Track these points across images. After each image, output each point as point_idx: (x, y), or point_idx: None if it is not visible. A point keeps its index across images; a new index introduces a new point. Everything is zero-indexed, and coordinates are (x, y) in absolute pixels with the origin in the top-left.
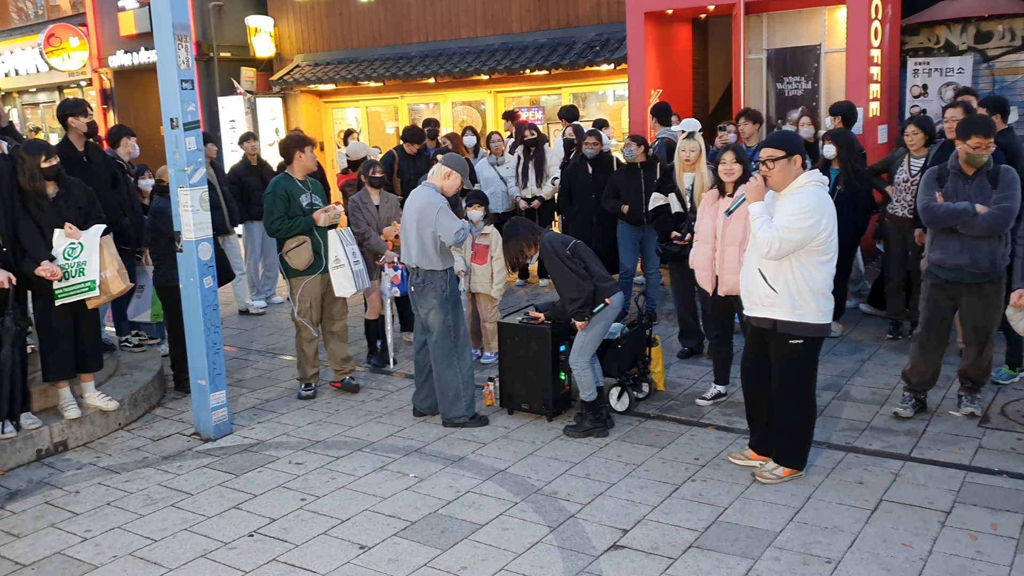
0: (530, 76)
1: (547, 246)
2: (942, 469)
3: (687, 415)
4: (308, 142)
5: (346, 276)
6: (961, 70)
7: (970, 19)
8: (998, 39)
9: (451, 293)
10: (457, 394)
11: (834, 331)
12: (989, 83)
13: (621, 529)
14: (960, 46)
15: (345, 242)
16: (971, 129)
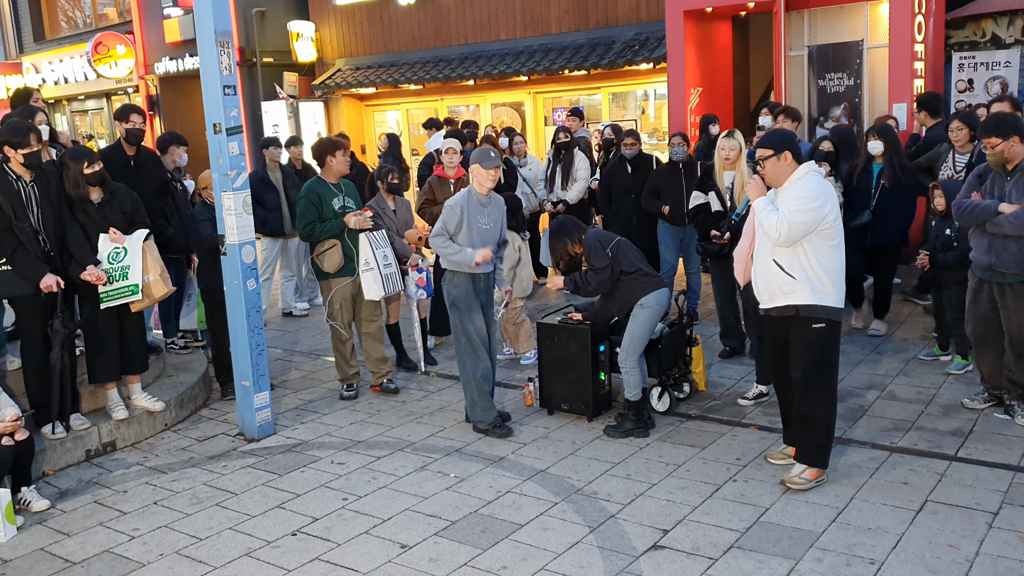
0: (569, 77)
1: (591, 242)
2: (990, 470)
3: (729, 415)
4: (340, 146)
5: (375, 280)
6: (1008, 64)
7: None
8: None
9: (462, 295)
10: (472, 399)
11: (879, 330)
12: None
13: (662, 529)
14: (1007, 39)
15: (375, 245)
16: (985, 130)
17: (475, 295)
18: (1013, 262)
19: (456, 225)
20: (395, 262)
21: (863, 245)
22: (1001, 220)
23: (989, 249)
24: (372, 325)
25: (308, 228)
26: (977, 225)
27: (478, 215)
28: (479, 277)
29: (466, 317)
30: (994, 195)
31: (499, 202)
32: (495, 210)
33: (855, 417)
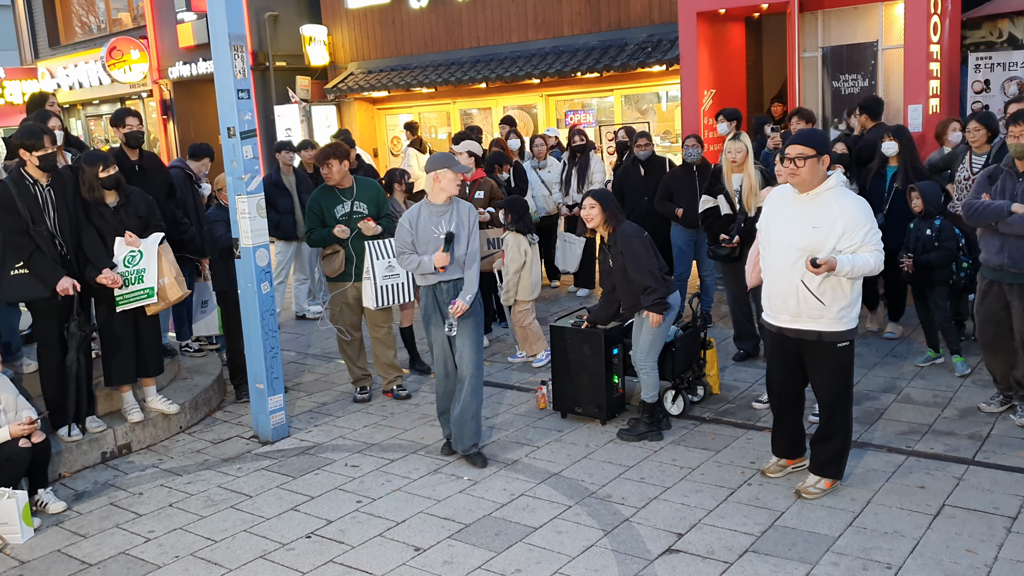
0: (581, 79)
1: (631, 233)
2: (1008, 473)
3: (743, 418)
4: (332, 155)
5: (368, 289)
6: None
7: None
8: None
9: (424, 307)
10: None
11: (894, 333)
12: None
13: (676, 533)
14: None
15: (375, 255)
16: (1016, 117)
17: (435, 307)
18: None
19: (408, 238)
20: (406, 273)
21: None
22: (1014, 220)
23: (1001, 249)
24: (379, 330)
25: (308, 235)
26: (988, 226)
27: (431, 225)
28: (441, 288)
29: (428, 330)
30: (1005, 196)
31: (463, 208)
32: (456, 216)
33: (871, 421)
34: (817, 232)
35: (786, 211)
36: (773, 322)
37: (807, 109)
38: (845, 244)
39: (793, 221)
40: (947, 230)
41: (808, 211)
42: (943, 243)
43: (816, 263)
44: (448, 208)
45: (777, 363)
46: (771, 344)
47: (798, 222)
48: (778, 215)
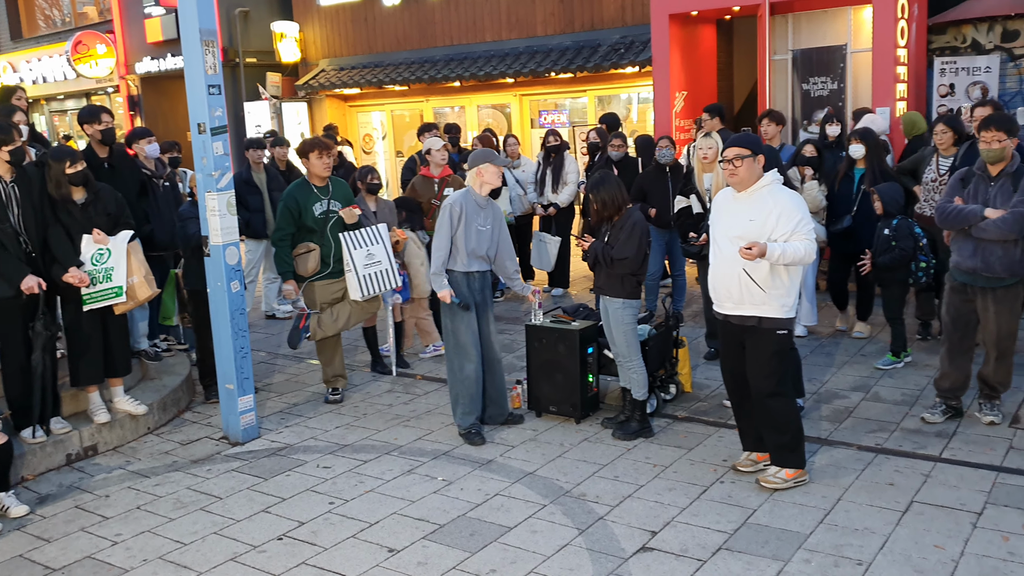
0: (555, 79)
1: (639, 218)
2: (973, 470)
3: (715, 416)
4: (317, 146)
5: (351, 281)
6: (988, 69)
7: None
8: None
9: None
10: (455, 400)
11: (862, 332)
12: (1016, 82)
13: (650, 531)
14: (987, 45)
15: (353, 245)
16: (996, 123)
17: (468, 295)
18: (1000, 266)
19: (457, 220)
20: (387, 258)
21: (846, 250)
22: (987, 225)
23: (975, 253)
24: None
25: (278, 241)
26: (961, 230)
27: (476, 216)
28: (473, 276)
29: (458, 318)
30: (977, 199)
31: (497, 210)
32: (491, 215)
33: (841, 419)
34: (753, 224)
35: (728, 208)
36: (720, 311)
37: (777, 111)
38: (778, 233)
39: (734, 216)
40: (904, 230)
41: (747, 207)
42: (900, 243)
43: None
44: (487, 204)
45: (727, 352)
46: (721, 335)
47: (738, 217)
48: (722, 213)
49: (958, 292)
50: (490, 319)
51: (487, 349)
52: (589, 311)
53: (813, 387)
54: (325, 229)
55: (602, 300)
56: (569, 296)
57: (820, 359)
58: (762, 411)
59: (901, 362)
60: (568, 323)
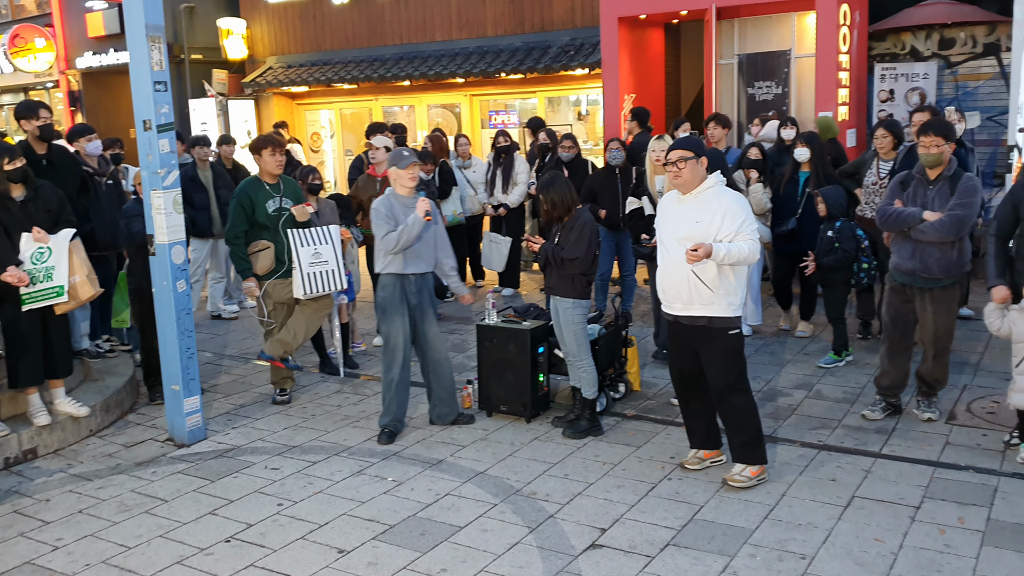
0: (505, 79)
1: (589, 219)
2: (912, 465)
3: (663, 414)
4: (269, 143)
5: (297, 277)
6: (926, 75)
7: (934, 26)
8: (960, 46)
9: (387, 297)
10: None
11: (805, 331)
12: (953, 88)
13: (599, 528)
14: (925, 52)
15: (300, 243)
16: (925, 128)
17: (401, 298)
18: (938, 267)
19: (384, 221)
20: (335, 259)
21: (790, 251)
22: (926, 227)
23: (913, 255)
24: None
25: (233, 239)
26: (900, 232)
27: (403, 216)
28: (408, 279)
29: (389, 320)
30: (916, 202)
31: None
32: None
33: (784, 416)
34: (699, 226)
35: (674, 210)
36: (669, 311)
37: (723, 115)
38: (723, 234)
39: (680, 218)
40: (846, 232)
41: (692, 208)
42: (842, 245)
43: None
44: (413, 200)
45: (676, 353)
46: (670, 335)
47: (684, 219)
48: (668, 215)
49: (897, 292)
50: (432, 320)
51: (430, 350)
52: (540, 311)
53: (758, 385)
54: (277, 226)
55: (552, 300)
56: (520, 296)
57: (764, 358)
58: (725, 409)
59: (843, 361)
60: (519, 323)
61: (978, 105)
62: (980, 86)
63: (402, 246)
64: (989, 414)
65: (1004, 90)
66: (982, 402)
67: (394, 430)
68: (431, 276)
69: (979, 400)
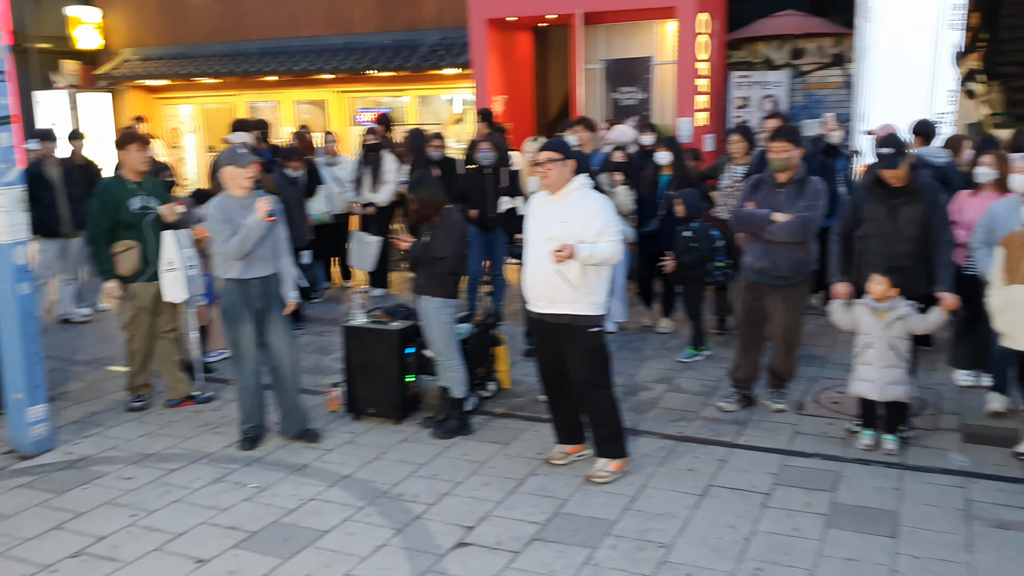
0: (375, 77)
1: (458, 218)
2: (764, 454)
3: (532, 411)
4: (134, 139)
5: (177, 280)
6: (779, 84)
7: (786, 37)
8: (810, 56)
9: (229, 304)
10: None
11: (666, 327)
12: (803, 96)
13: (466, 527)
14: (778, 61)
15: (182, 244)
16: (776, 134)
17: (244, 303)
18: (787, 265)
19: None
20: (198, 262)
21: (653, 251)
22: (776, 228)
23: (764, 254)
24: (171, 333)
25: (95, 238)
26: (752, 232)
27: (240, 219)
28: (251, 283)
29: (233, 327)
30: (767, 205)
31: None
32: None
33: (646, 409)
34: (565, 226)
35: (542, 210)
36: (534, 309)
37: (589, 118)
38: (588, 235)
39: (547, 218)
40: (703, 232)
41: (559, 209)
42: (699, 244)
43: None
44: (251, 201)
45: (541, 349)
46: (535, 332)
47: (551, 219)
48: (536, 215)
49: (750, 290)
50: (278, 327)
51: (273, 359)
52: (409, 311)
53: (622, 380)
54: (141, 225)
55: (421, 300)
56: (390, 296)
57: (628, 353)
58: (587, 404)
59: (701, 355)
60: (387, 323)
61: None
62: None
63: (245, 250)
64: (834, 404)
65: (849, 98)
66: (828, 393)
67: (256, 435)
68: (276, 278)
69: (826, 391)
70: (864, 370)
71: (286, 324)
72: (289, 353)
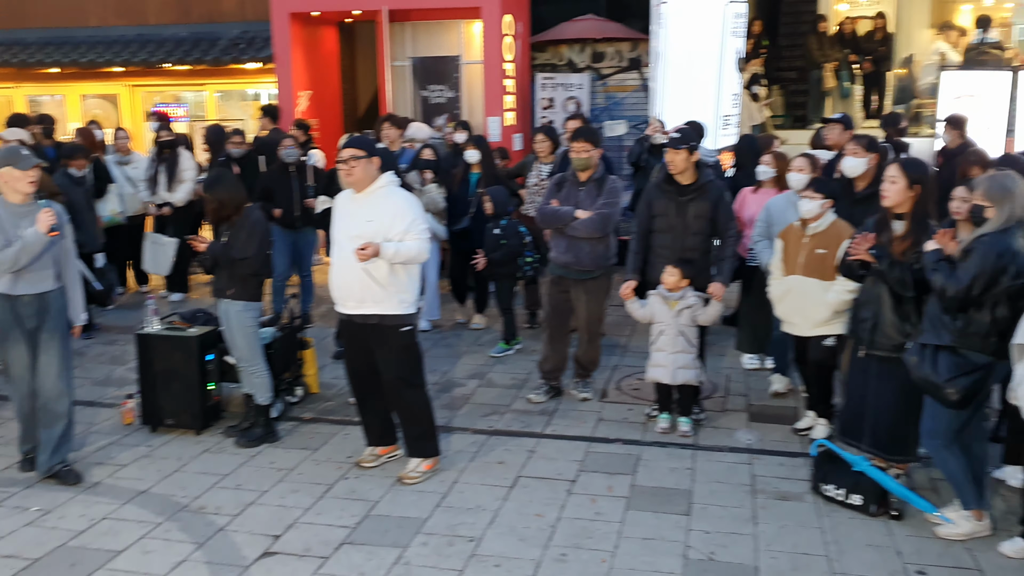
0: (171, 71)
1: (260, 217)
2: (569, 442)
3: (342, 415)
4: None
5: None
6: (581, 86)
7: (587, 40)
8: (610, 60)
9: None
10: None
11: (479, 324)
12: (604, 99)
13: (273, 536)
14: (580, 64)
15: None
16: (576, 135)
17: (14, 322)
18: (589, 260)
19: None
20: None
21: (465, 248)
22: (577, 224)
23: (568, 249)
24: None
25: None
26: (557, 228)
27: (12, 228)
28: (25, 300)
29: (3, 348)
30: (570, 202)
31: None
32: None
33: (458, 406)
34: (371, 224)
35: (348, 209)
36: (342, 310)
37: (398, 116)
38: (394, 233)
39: (352, 217)
40: (511, 229)
41: (365, 207)
42: (508, 240)
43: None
44: (31, 209)
45: (350, 350)
46: (345, 334)
47: (356, 217)
48: (342, 213)
49: (556, 284)
50: (50, 351)
51: (39, 386)
52: (209, 316)
53: (435, 377)
54: None
55: (222, 304)
56: (189, 302)
57: (442, 351)
58: (399, 404)
59: (512, 349)
60: (184, 330)
61: (625, 114)
62: (626, 97)
63: (18, 265)
64: (635, 390)
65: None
66: (629, 380)
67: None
68: (58, 294)
69: (627, 378)
70: (658, 356)
71: (61, 348)
72: (57, 383)
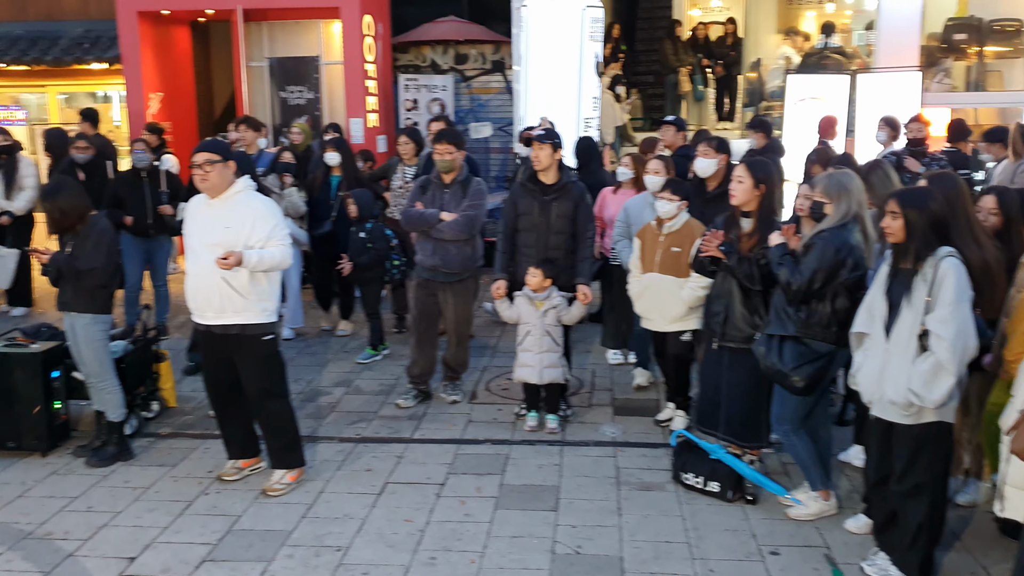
0: (7, 71)
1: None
2: (439, 446)
3: (202, 428)
4: None
5: None
6: (444, 87)
7: (450, 42)
8: (473, 62)
9: None
10: None
11: (346, 330)
12: (469, 100)
13: (128, 558)
14: (444, 66)
15: None
16: (439, 137)
17: None
18: (456, 262)
19: None
20: None
21: (328, 253)
22: (443, 227)
23: (434, 252)
24: None
25: None
26: (422, 231)
27: None
28: None
29: None
30: (435, 204)
31: None
32: None
33: (324, 414)
34: (229, 231)
35: (203, 215)
36: (200, 321)
37: (254, 118)
38: (254, 240)
39: (209, 223)
40: (377, 232)
41: (221, 213)
42: (375, 244)
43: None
44: None
45: (210, 362)
46: (202, 344)
47: (214, 224)
48: (196, 220)
49: (423, 287)
50: None
51: None
52: (54, 331)
53: (300, 387)
54: None
55: (68, 317)
56: (33, 316)
57: (307, 359)
58: (261, 415)
59: (380, 355)
60: (27, 346)
61: (490, 116)
62: (491, 99)
63: None
64: (504, 391)
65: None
66: (498, 380)
67: None
68: None
69: (496, 379)
70: (524, 356)
71: None
72: None
